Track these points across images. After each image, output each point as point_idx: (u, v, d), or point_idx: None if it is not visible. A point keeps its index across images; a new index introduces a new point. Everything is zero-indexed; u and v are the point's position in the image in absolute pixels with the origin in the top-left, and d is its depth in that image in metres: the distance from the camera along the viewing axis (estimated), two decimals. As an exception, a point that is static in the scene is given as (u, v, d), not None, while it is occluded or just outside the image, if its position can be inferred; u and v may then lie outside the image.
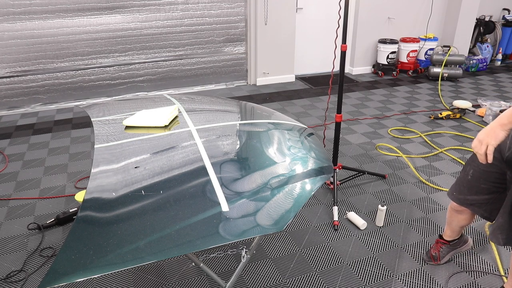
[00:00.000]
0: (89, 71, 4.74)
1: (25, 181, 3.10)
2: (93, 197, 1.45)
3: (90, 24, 4.52)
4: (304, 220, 2.61)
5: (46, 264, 2.24)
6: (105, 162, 1.70)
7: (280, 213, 1.38)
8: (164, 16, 4.80)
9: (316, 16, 5.61)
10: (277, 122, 2.22)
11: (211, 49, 5.19)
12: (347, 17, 2.53)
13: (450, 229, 2.15)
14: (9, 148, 3.67)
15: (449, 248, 2.19)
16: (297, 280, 2.12)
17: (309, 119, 4.28)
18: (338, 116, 2.75)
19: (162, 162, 1.68)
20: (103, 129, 2.05)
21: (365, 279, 2.12)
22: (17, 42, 4.32)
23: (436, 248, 2.20)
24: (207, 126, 2.06)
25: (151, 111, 2.20)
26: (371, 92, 5.17)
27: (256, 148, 1.84)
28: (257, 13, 5.07)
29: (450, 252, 2.20)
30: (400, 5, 5.76)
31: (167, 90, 5.20)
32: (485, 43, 6.27)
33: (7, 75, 4.42)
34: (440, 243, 2.19)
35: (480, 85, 5.43)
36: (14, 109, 4.59)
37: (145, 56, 4.91)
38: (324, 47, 5.87)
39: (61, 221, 2.55)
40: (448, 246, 2.19)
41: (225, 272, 2.18)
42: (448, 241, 2.18)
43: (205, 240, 1.24)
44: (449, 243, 2.18)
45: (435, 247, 2.21)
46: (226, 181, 1.55)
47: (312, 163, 1.77)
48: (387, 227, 2.53)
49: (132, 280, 2.13)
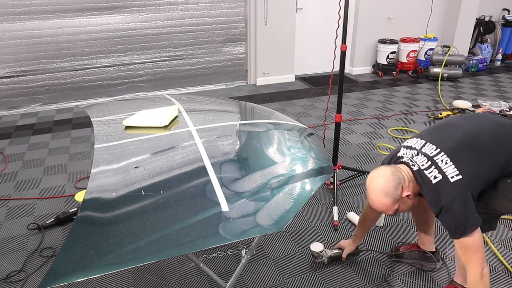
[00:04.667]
0: (89, 71, 4.74)
1: (25, 181, 3.10)
2: (93, 197, 1.45)
3: (90, 24, 4.52)
4: (304, 220, 2.61)
5: (46, 264, 2.24)
6: (105, 162, 1.70)
7: (280, 213, 1.38)
8: (164, 16, 4.80)
9: (316, 16, 5.61)
10: (277, 122, 2.22)
11: (211, 49, 5.19)
12: (347, 17, 2.53)
13: (422, 235, 2.15)
14: (9, 148, 3.67)
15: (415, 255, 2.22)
16: (297, 280, 2.12)
17: (309, 119, 4.28)
18: (338, 116, 2.75)
19: (162, 162, 1.68)
20: (103, 129, 2.05)
21: (365, 279, 2.12)
22: (17, 42, 4.32)
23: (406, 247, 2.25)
24: (207, 126, 2.06)
25: (151, 111, 2.20)
26: (371, 92, 5.17)
27: (256, 148, 1.84)
28: (257, 13, 5.07)
29: (414, 259, 2.21)
30: (400, 5, 5.76)
31: (167, 90, 5.20)
32: (485, 43, 6.27)
33: (7, 75, 4.42)
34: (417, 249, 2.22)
35: (480, 85, 5.43)
36: (14, 109, 4.58)
37: (145, 56, 4.91)
38: (324, 47, 5.87)
39: (61, 221, 2.55)
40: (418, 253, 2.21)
41: (225, 272, 2.18)
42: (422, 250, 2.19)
43: (205, 240, 1.24)
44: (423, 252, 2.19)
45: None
46: (226, 181, 1.55)
47: (312, 163, 1.77)
48: (387, 227, 2.53)
49: (132, 280, 2.13)
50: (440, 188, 1.56)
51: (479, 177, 1.59)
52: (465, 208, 1.54)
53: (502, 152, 1.62)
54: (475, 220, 1.55)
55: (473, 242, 1.56)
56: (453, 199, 1.53)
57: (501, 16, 6.49)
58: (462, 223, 1.54)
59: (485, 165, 1.60)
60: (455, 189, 1.54)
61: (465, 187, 1.55)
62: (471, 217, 1.54)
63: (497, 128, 1.67)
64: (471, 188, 1.57)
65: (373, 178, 1.63)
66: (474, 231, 1.55)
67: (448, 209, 1.54)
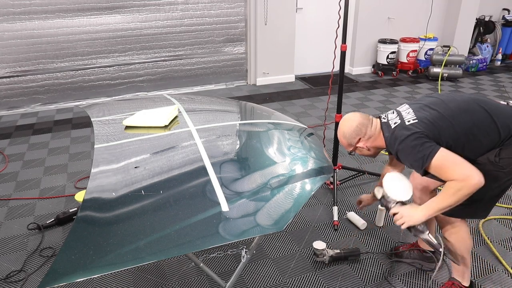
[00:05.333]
0: (89, 71, 4.74)
1: (25, 181, 3.10)
2: (93, 197, 1.45)
3: (90, 24, 4.52)
4: (304, 220, 2.61)
5: (46, 264, 2.24)
6: (105, 162, 1.70)
7: (280, 213, 1.38)
8: (164, 16, 4.80)
9: (316, 16, 5.61)
10: (277, 122, 2.22)
11: (211, 49, 5.19)
12: (347, 17, 2.53)
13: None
14: (9, 148, 3.67)
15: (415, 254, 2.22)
16: (297, 280, 2.12)
17: (309, 119, 4.28)
18: (338, 116, 2.76)
19: (162, 162, 1.68)
20: (103, 129, 2.05)
21: (365, 279, 2.12)
22: (17, 42, 4.32)
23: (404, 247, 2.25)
24: (207, 126, 2.06)
25: (151, 111, 2.20)
26: (371, 92, 5.17)
27: (256, 148, 1.84)
28: (257, 13, 5.07)
29: (414, 259, 2.22)
30: (400, 5, 5.76)
31: (167, 90, 5.20)
32: (485, 43, 6.27)
33: (7, 75, 4.42)
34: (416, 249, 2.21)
35: (480, 85, 5.43)
36: (14, 109, 4.58)
37: (145, 56, 4.91)
38: (324, 47, 5.87)
39: (61, 221, 2.55)
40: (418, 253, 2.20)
41: (225, 272, 2.18)
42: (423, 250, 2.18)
43: (205, 240, 1.24)
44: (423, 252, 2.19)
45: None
46: (226, 181, 1.55)
47: (312, 163, 1.77)
48: (387, 227, 2.53)
49: (132, 280, 2.13)
50: (396, 130, 1.67)
51: (438, 127, 1.61)
52: (418, 142, 1.57)
53: (465, 118, 1.62)
54: (431, 147, 1.55)
55: (441, 159, 1.53)
56: (406, 136, 1.60)
57: (501, 16, 6.49)
58: (420, 154, 1.56)
59: (445, 121, 1.61)
60: (409, 128, 1.62)
61: (420, 127, 1.60)
62: (425, 146, 1.56)
63: (471, 101, 1.68)
64: (427, 130, 1.60)
65: (344, 119, 1.84)
66: (435, 155, 1.54)
67: (403, 147, 1.61)
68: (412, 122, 1.63)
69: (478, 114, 1.62)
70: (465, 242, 1.80)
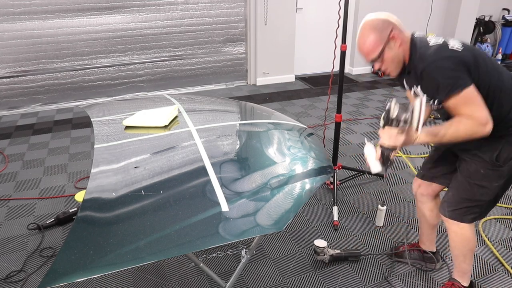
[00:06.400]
0: (89, 71, 4.74)
1: (25, 181, 3.10)
2: (93, 197, 1.45)
3: (90, 24, 4.52)
4: (304, 220, 2.61)
5: (46, 264, 2.24)
6: (105, 162, 1.70)
7: (280, 213, 1.38)
8: (164, 16, 4.79)
9: (316, 16, 5.61)
10: (277, 122, 2.22)
11: (211, 49, 5.19)
12: (347, 17, 2.53)
13: (424, 235, 2.14)
14: (9, 148, 3.67)
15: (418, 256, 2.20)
16: (297, 280, 2.12)
17: (309, 119, 4.28)
18: (338, 116, 2.75)
19: (162, 162, 1.68)
20: (103, 129, 2.05)
21: (365, 279, 2.12)
22: (17, 42, 4.32)
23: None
24: (207, 126, 2.06)
25: (151, 111, 2.20)
26: (371, 92, 5.17)
27: (256, 148, 1.84)
28: (257, 13, 5.07)
29: (414, 259, 2.20)
30: (400, 5, 5.76)
31: (167, 90, 5.20)
32: (485, 43, 6.27)
33: (7, 75, 4.42)
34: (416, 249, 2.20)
35: (480, 85, 5.43)
36: (14, 109, 4.58)
37: (145, 56, 4.91)
38: (324, 47, 5.87)
39: (61, 221, 2.55)
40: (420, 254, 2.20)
41: (225, 272, 2.18)
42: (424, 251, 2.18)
43: (205, 240, 1.24)
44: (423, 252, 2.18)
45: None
46: (226, 181, 1.55)
47: (312, 163, 1.77)
48: (387, 227, 2.53)
49: (132, 280, 2.13)
50: (436, 47, 1.49)
51: (479, 69, 1.48)
52: (457, 67, 1.43)
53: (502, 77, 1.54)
54: (466, 79, 1.43)
55: (471, 95, 1.42)
56: (447, 56, 1.44)
57: (501, 16, 6.48)
58: (453, 79, 1.43)
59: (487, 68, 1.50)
60: (454, 51, 1.46)
61: (464, 57, 1.44)
62: (463, 75, 1.43)
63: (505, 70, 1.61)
64: (470, 63, 1.45)
65: (366, 19, 1.60)
66: (464, 89, 1.42)
67: (440, 64, 1.44)
68: (456, 48, 1.47)
69: (509, 80, 1.57)
70: (470, 243, 1.79)
